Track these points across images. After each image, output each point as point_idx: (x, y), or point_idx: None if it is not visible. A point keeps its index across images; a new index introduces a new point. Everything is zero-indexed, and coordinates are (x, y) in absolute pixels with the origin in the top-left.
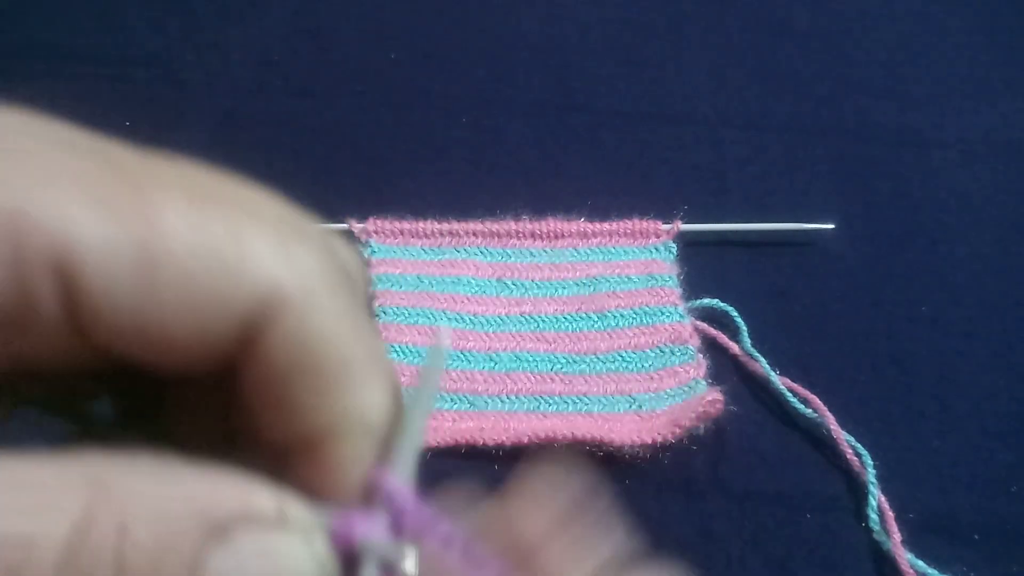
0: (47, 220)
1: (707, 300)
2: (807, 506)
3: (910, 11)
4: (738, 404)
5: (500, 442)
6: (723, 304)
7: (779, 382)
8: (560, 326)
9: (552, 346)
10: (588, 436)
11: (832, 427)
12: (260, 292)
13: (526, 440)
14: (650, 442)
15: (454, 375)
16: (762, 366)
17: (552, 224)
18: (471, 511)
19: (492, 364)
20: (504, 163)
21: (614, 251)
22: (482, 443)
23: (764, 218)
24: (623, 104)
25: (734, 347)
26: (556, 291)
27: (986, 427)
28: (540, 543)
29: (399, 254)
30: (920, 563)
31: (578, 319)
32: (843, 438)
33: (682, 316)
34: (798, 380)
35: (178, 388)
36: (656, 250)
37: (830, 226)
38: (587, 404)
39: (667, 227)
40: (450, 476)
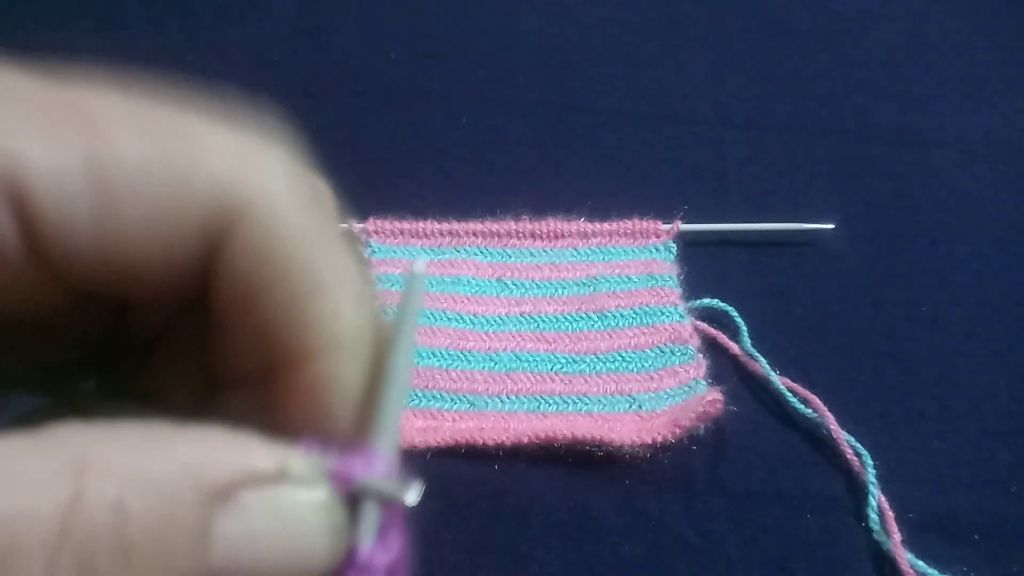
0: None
1: (707, 300)
2: (807, 506)
3: (910, 11)
4: (738, 404)
5: (500, 442)
6: (723, 304)
7: (779, 382)
8: (560, 326)
9: (552, 346)
10: (588, 436)
11: (832, 427)
12: (217, 198)
13: (526, 440)
14: (650, 442)
15: (454, 375)
16: (762, 366)
17: (552, 224)
18: None
19: (492, 364)
20: (504, 163)
21: (614, 251)
22: (482, 443)
23: (764, 218)
24: (623, 104)
25: (734, 347)
26: (556, 291)
27: (986, 427)
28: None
29: (399, 254)
30: (920, 563)
31: (578, 319)
32: (843, 438)
33: (682, 316)
34: (798, 380)
35: (157, 347)
36: (656, 250)
37: (830, 226)
38: (587, 404)
39: (667, 227)
40: (450, 476)
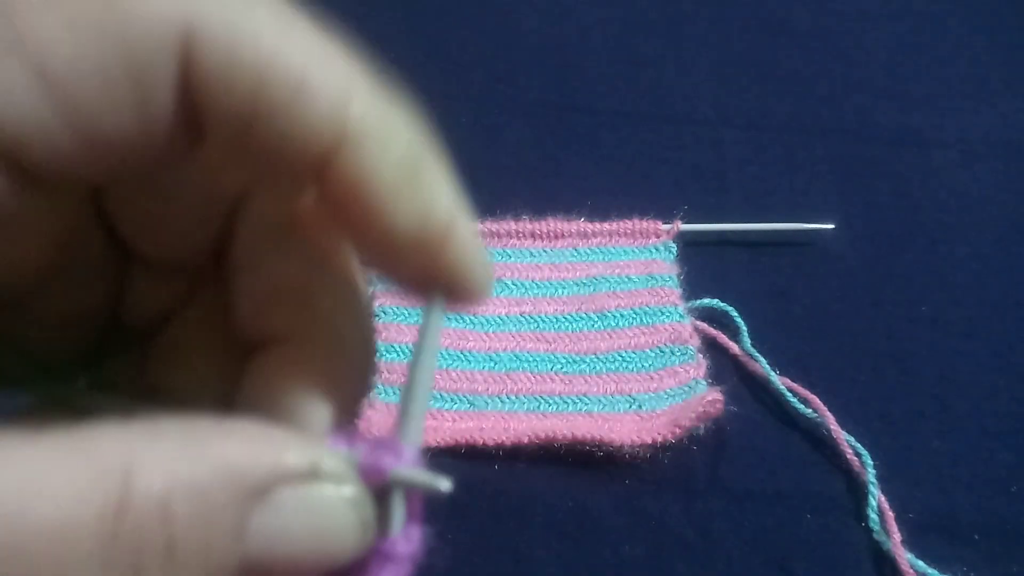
0: None
1: (707, 300)
2: (807, 506)
3: (910, 11)
4: (738, 404)
5: (500, 442)
6: (723, 304)
7: (779, 382)
8: (560, 326)
9: (552, 346)
10: (588, 436)
11: (832, 427)
12: (167, 38)
13: (526, 440)
14: (650, 442)
15: (454, 375)
16: (762, 366)
17: (552, 224)
18: None
19: (492, 364)
20: (504, 163)
21: (614, 251)
22: (482, 443)
23: (764, 218)
24: (623, 104)
25: (734, 347)
26: (556, 291)
27: (986, 427)
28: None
29: None
30: (920, 563)
31: (578, 319)
32: (843, 438)
33: (682, 316)
34: (798, 380)
35: (159, 338)
36: (656, 250)
37: (830, 226)
38: (587, 404)
39: (667, 227)
40: (450, 476)
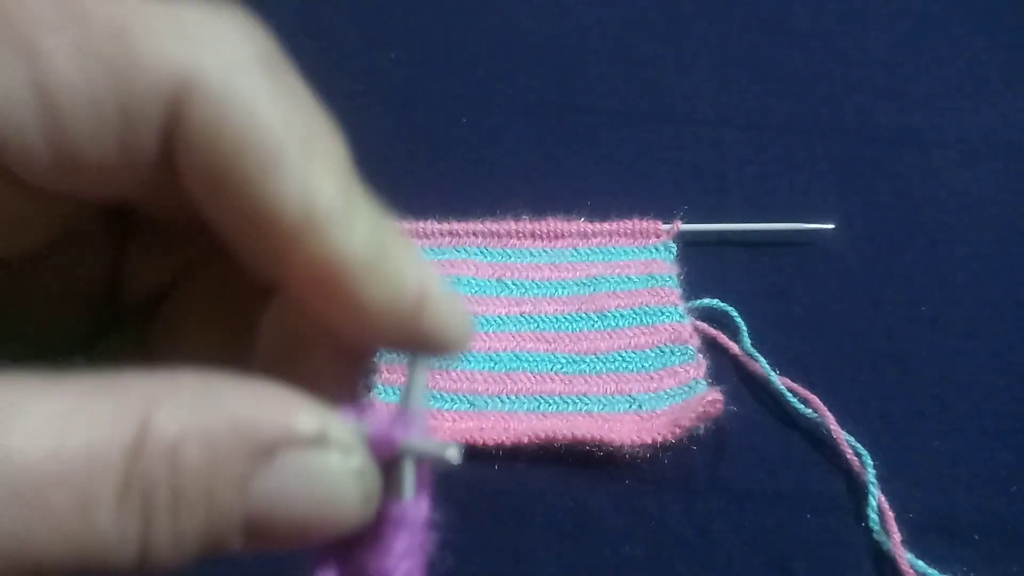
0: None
1: (707, 300)
2: (807, 506)
3: (910, 11)
4: (738, 404)
5: (500, 442)
6: (723, 304)
7: (779, 382)
8: (560, 326)
9: (552, 346)
10: (588, 436)
11: (832, 427)
12: (164, 83)
13: (526, 440)
14: (650, 442)
15: (454, 375)
16: (762, 366)
17: (552, 224)
18: None
19: (492, 364)
20: (504, 163)
21: (614, 251)
22: (482, 443)
23: (764, 218)
24: (623, 104)
25: (734, 347)
26: (556, 291)
27: (986, 427)
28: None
29: None
30: (920, 563)
31: (578, 319)
32: (843, 438)
33: (682, 316)
34: (798, 380)
35: (162, 311)
36: (656, 250)
37: (830, 226)
38: (587, 404)
39: (667, 227)
40: (450, 476)
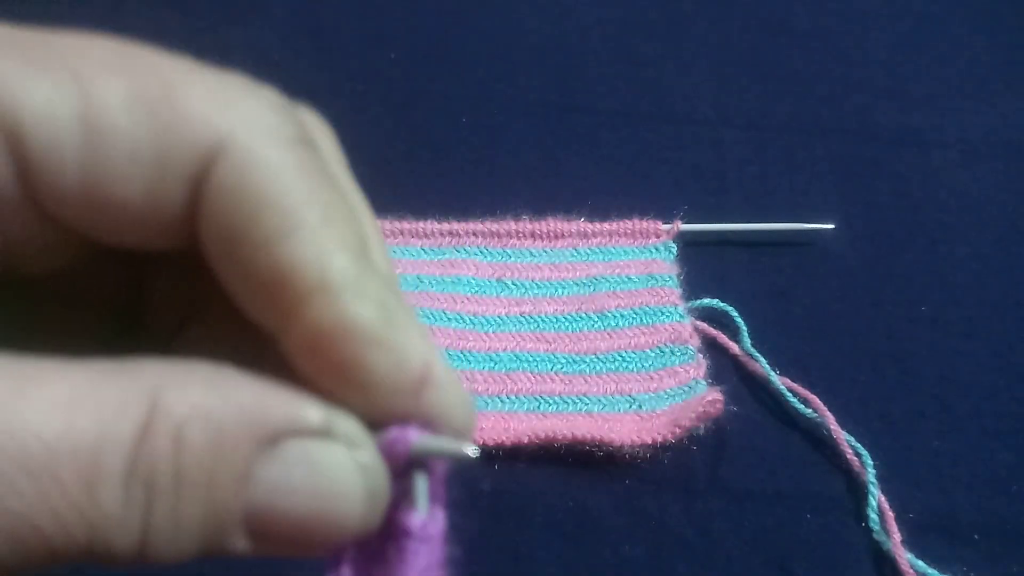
0: None
1: (707, 300)
2: (807, 506)
3: (910, 11)
4: (738, 404)
5: (500, 442)
6: (723, 304)
7: (779, 382)
8: (560, 326)
9: (552, 346)
10: (588, 436)
11: (832, 427)
12: (196, 137)
13: (526, 440)
14: (650, 442)
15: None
16: (762, 366)
17: (552, 224)
18: None
19: (492, 364)
20: (504, 163)
21: (614, 251)
22: (482, 443)
23: (764, 218)
24: (623, 104)
25: (734, 347)
26: (556, 291)
27: (986, 427)
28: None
29: (399, 254)
30: (920, 563)
31: (578, 319)
32: (843, 438)
33: (682, 316)
34: (798, 380)
35: (183, 339)
36: (656, 250)
37: (830, 226)
38: (587, 404)
39: (667, 227)
40: (450, 476)
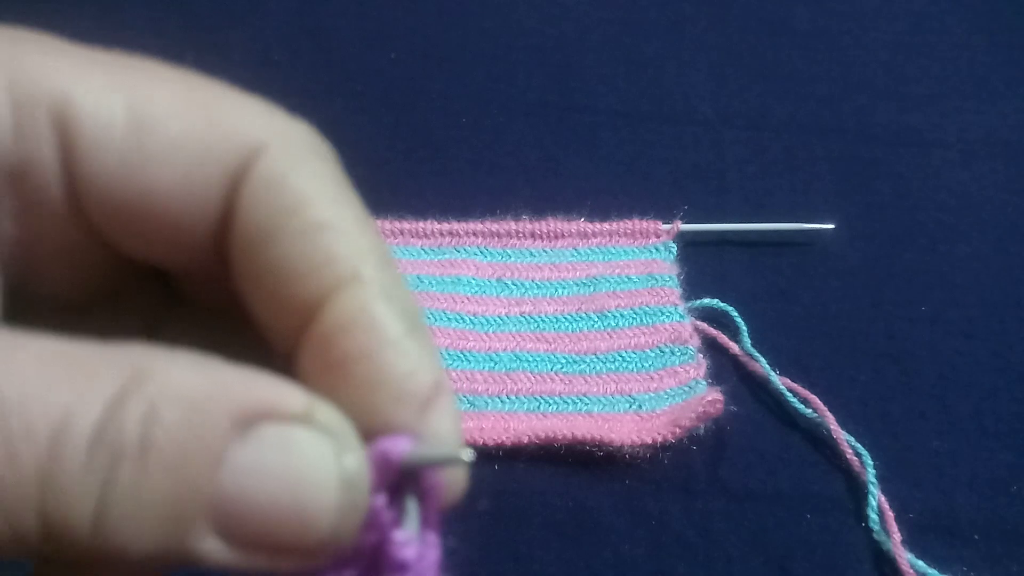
0: (47, 77)
1: (707, 300)
2: (807, 506)
3: (910, 11)
4: (738, 404)
5: (500, 442)
6: (723, 304)
7: (779, 382)
8: (560, 326)
9: (552, 346)
10: (588, 436)
11: (832, 427)
12: (243, 139)
13: (526, 440)
14: (650, 442)
15: (454, 375)
16: (762, 366)
17: (552, 224)
18: None
19: (492, 364)
20: (504, 163)
21: (614, 251)
22: (482, 443)
23: (764, 218)
24: (623, 104)
25: (734, 347)
26: (556, 291)
27: (986, 427)
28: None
29: (399, 254)
30: (920, 563)
31: (578, 319)
32: (843, 438)
33: (682, 316)
34: (798, 380)
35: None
36: (656, 250)
37: (830, 226)
38: (587, 404)
39: (667, 227)
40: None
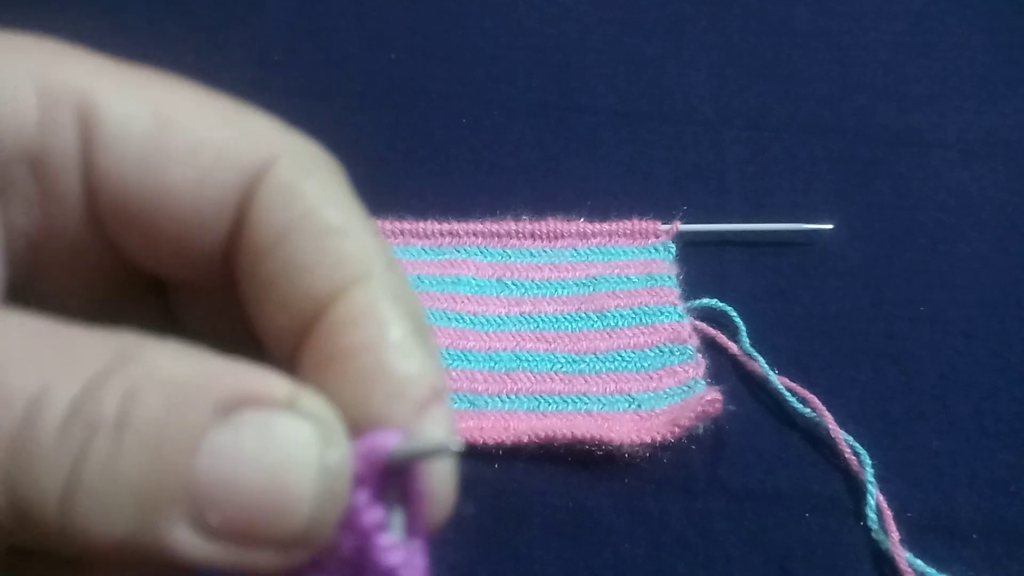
0: (74, 76)
1: (706, 300)
2: (806, 505)
3: (910, 11)
4: (737, 404)
5: (500, 441)
6: (722, 304)
7: (778, 382)
8: (560, 326)
9: (552, 346)
10: (588, 435)
11: (831, 427)
12: (260, 147)
13: (526, 439)
14: (649, 441)
15: (454, 375)
16: (761, 366)
17: (552, 224)
18: None
19: (492, 364)
20: (504, 163)
21: (614, 251)
22: (482, 443)
23: (764, 218)
24: (623, 104)
25: (733, 347)
26: (556, 291)
27: (986, 427)
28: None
29: (400, 254)
30: (919, 562)
31: (578, 319)
32: (841, 438)
33: (681, 316)
34: (797, 380)
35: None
36: (655, 250)
37: (830, 226)
38: (587, 403)
39: (666, 227)
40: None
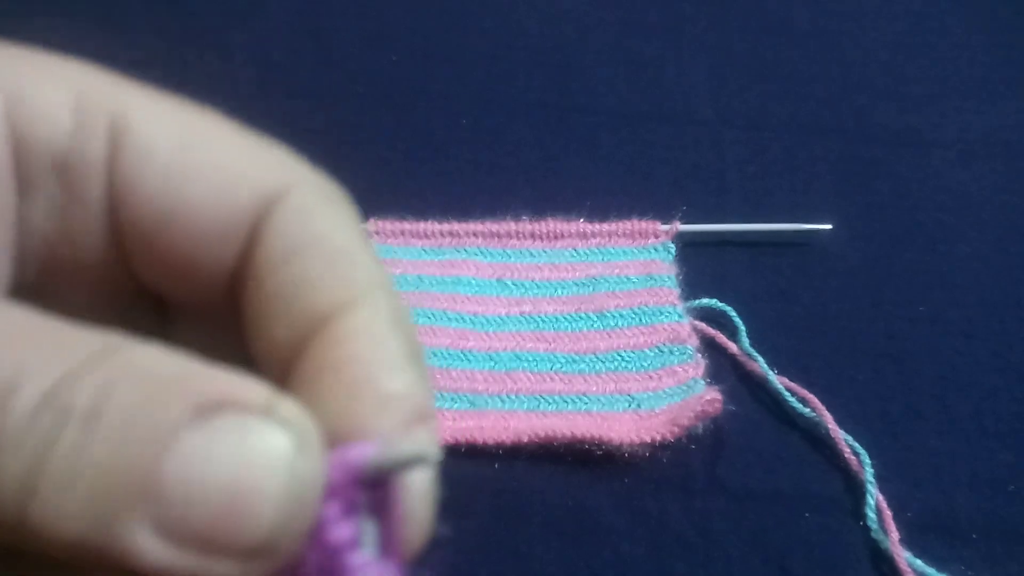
0: (111, 93)
1: (706, 300)
2: (805, 505)
3: (910, 11)
4: (736, 403)
5: (500, 441)
6: (722, 304)
7: (777, 382)
8: (560, 326)
9: (552, 346)
10: (587, 435)
11: (830, 426)
12: (276, 181)
13: (526, 439)
14: (649, 441)
15: (454, 374)
16: (760, 366)
17: (552, 224)
18: None
19: (492, 364)
20: (504, 163)
21: (613, 251)
22: (482, 442)
23: (764, 218)
24: (623, 104)
25: (733, 347)
26: (556, 291)
27: (986, 427)
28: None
29: (400, 254)
30: (918, 562)
31: (578, 319)
32: (841, 437)
33: (681, 316)
34: (796, 380)
35: None
36: (655, 250)
37: (829, 226)
38: (586, 403)
39: (666, 228)
40: (450, 475)
